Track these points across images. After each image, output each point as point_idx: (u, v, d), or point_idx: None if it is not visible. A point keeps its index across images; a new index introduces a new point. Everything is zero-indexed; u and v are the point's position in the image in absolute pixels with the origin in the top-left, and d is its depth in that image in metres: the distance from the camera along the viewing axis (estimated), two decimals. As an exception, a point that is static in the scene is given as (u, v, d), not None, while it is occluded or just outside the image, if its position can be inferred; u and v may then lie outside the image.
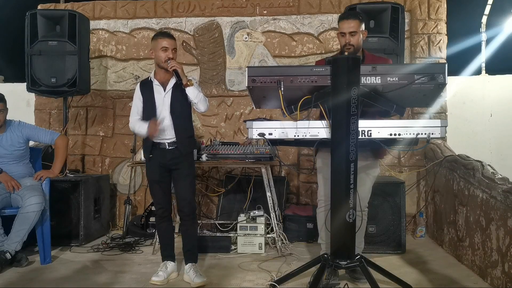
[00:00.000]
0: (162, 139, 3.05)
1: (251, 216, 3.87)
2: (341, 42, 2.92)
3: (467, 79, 4.81)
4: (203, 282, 2.98)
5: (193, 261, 3.12)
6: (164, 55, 2.99)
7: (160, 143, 3.06)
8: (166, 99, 3.05)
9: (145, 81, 3.16)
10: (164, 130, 3.03)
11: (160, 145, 3.06)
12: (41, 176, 3.56)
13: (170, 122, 3.04)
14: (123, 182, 4.90)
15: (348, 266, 2.55)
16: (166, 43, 3.00)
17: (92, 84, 4.79)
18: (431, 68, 2.42)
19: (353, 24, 2.86)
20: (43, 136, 3.67)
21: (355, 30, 2.86)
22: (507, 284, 2.63)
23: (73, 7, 4.94)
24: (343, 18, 2.91)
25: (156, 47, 3.02)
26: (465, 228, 3.35)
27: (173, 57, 3.01)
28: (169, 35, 3.09)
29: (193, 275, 3.02)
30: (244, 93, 4.71)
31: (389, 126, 2.44)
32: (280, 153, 4.67)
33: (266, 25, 4.83)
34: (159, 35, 3.09)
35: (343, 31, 2.88)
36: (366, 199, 3.07)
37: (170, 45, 3.01)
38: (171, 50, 3.01)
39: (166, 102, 3.05)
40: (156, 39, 3.05)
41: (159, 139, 3.05)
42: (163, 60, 3.00)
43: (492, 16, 4.95)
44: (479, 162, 3.31)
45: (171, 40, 3.04)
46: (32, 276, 3.25)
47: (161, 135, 3.03)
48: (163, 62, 3.00)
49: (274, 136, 2.50)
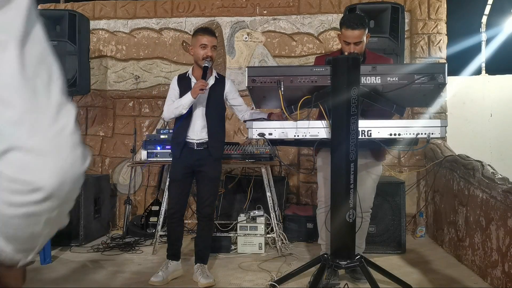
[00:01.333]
0: (192, 139, 3.02)
1: (251, 216, 3.87)
2: (345, 49, 2.81)
3: (467, 79, 4.81)
4: (209, 283, 2.96)
5: (202, 262, 3.10)
6: (203, 52, 2.95)
7: (189, 142, 3.03)
8: (202, 98, 3.00)
9: (182, 76, 3.11)
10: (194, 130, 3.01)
11: (189, 144, 3.03)
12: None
13: (204, 122, 3.01)
14: (123, 182, 4.90)
15: (348, 266, 2.55)
16: (206, 40, 2.96)
17: (92, 84, 4.79)
18: (431, 68, 2.42)
19: (359, 34, 2.75)
20: None
21: (360, 40, 2.77)
22: (507, 284, 2.63)
23: (73, 7, 4.93)
24: (349, 27, 2.75)
25: (196, 44, 2.98)
26: (465, 228, 3.35)
27: (211, 54, 2.96)
28: (210, 32, 3.04)
29: (199, 275, 3.01)
30: (244, 93, 4.69)
31: (389, 126, 2.44)
32: (280, 153, 4.67)
33: (266, 25, 4.83)
34: (199, 31, 3.04)
35: (347, 40, 2.77)
36: (369, 200, 3.04)
37: (210, 43, 2.96)
38: (210, 47, 2.96)
39: (201, 101, 3.01)
40: (196, 35, 3.01)
41: (189, 138, 3.02)
42: (201, 57, 2.95)
43: (492, 16, 4.95)
44: (479, 162, 3.31)
45: (211, 37, 2.99)
46: (32, 276, 3.24)
47: (190, 134, 3.01)
48: (200, 59, 2.96)
49: (274, 136, 2.50)
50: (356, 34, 2.75)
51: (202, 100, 3.01)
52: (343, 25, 2.80)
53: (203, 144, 3.02)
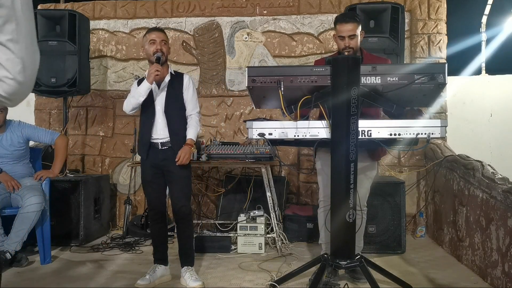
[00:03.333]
0: (155, 139, 2.98)
1: (251, 216, 3.87)
2: (340, 45, 2.89)
3: (467, 79, 4.81)
4: (198, 285, 2.93)
5: (188, 264, 3.05)
6: (153, 47, 2.93)
7: (153, 142, 2.99)
8: (160, 97, 3.00)
9: (141, 80, 3.09)
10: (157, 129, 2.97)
11: (154, 144, 2.99)
12: (41, 176, 3.56)
13: (164, 121, 2.97)
14: (123, 182, 4.90)
15: (348, 266, 2.55)
16: (154, 36, 2.94)
17: (92, 84, 4.79)
18: (431, 68, 2.41)
19: (352, 27, 2.83)
20: (43, 136, 3.67)
21: (354, 34, 2.84)
22: (507, 284, 2.63)
23: (73, 7, 4.94)
24: (341, 21, 2.86)
25: (145, 43, 2.98)
26: (465, 228, 3.35)
27: (161, 47, 2.93)
28: (157, 29, 3.05)
29: (188, 278, 2.96)
30: (244, 93, 4.70)
31: (389, 126, 2.44)
32: (280, 153, 4.67)
33: (266, 25, 4.83)
34: (147, 31, 3.05)
35: (342, 34, 2.85)
36: (364, 199, 3.07)
37: (158, 37, 2.94)
38: (159, 42, 2.93)
39: (159, 101, 2.99)
40: (145, 36, 3.01)
41: (153, 138, 2.98)
42: (152, 53, 2.93)
43: (492, 16, 4.95)
44: (479, 162, 3.31)
45: (158, 32, 2.98)
46: (32, 276, 3.25)
47: (154, 135, 2.98)
48: (152, 55, 2.94)
49: (274, 136, 2.50)
50: (349, 27, 2.83)
51: (161, 98, 2.98)
52: (336, 22, 2.91)
53: (167, 143, 2.98)
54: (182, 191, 3.02)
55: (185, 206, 3.02)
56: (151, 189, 3.05)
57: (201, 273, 3.22)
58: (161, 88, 3.01)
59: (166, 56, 2.99)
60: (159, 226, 3.10)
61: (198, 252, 3.44)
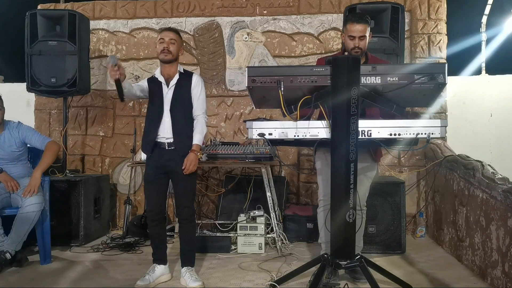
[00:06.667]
0: (162, 137, 2.97)
1: (251, 216, 3.87)
2: (349, 45, 2.88)
3: (467, 79, 4.81)
4: (198, 285, 2.92)
5: (189, 265, 3.05)
6: (161, 46, 2.96)
7: (160, 142, 2.98)
8: (167, 96, 3.00)
9: (151, 78, 3.10)
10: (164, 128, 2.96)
11: (160, 144, 2.98)
12: (28, 191, 3.33)
13: (170, 121, 2.97)
14: (123, 182, 4.90)
15: (348, 266, 2.55)
16: (163, 35, 2.98)
17: (92, 84, 4.79)
18: (431, 68, 2.41)
19: (363, 28, 2.84)
20: (35, 140, 3.60)
21: (364, 35, 2.85)
22: (507, 284, 2.63)
23: (73, 7, 4.94)
24: (354, 21, 2.86)
25: (156, 42, 3.02)
26: (465, 228, 3.35)
27: (167, 46, 2.95)
28: (169, 28, 3.07)
29: (188, 279, 2.96)
30: (244, 93, 4.70)
31: (389, 126, 2.44)
32: (280, 153, 4.67)
33: (266, 25, 4.83)
34: (160, 31, 3.09)
35: (353, 34, 2.85)
36: (364, 199, 3.07)
37: (167, 36, 2.97)
38: (168, 40, 2.96)
39: (166, 100, 2.99)
40: (157, 36, 3.05)
41: (159, 137, 2.97)
42: (159, 51, 2.97)
43: (492, 16, 4.95)
44: (479, 162, 3.31)
45: (168, 32, 3.01)
46: (32, 276, 3.25)
47: (160, 133, 2.97)
48: (159, 53, 2.97)
49: (274, 136, 2.50)
50: (360, 28, 2.84)
51: (169, 97, 2.99)
52: (348, 21, 2.91)
53: (173, 144, 2.96)
54: (186, 193, 3.00)
55: (189, 208, 3.02)
56: (152, 189, 3.03)
57: (201, 273, 3.22)
58: (169, 87, 3.01)
59: (175, 55, 3.01)
60: (158, 227, 3.08)
61: (198, 252, 3.43)
